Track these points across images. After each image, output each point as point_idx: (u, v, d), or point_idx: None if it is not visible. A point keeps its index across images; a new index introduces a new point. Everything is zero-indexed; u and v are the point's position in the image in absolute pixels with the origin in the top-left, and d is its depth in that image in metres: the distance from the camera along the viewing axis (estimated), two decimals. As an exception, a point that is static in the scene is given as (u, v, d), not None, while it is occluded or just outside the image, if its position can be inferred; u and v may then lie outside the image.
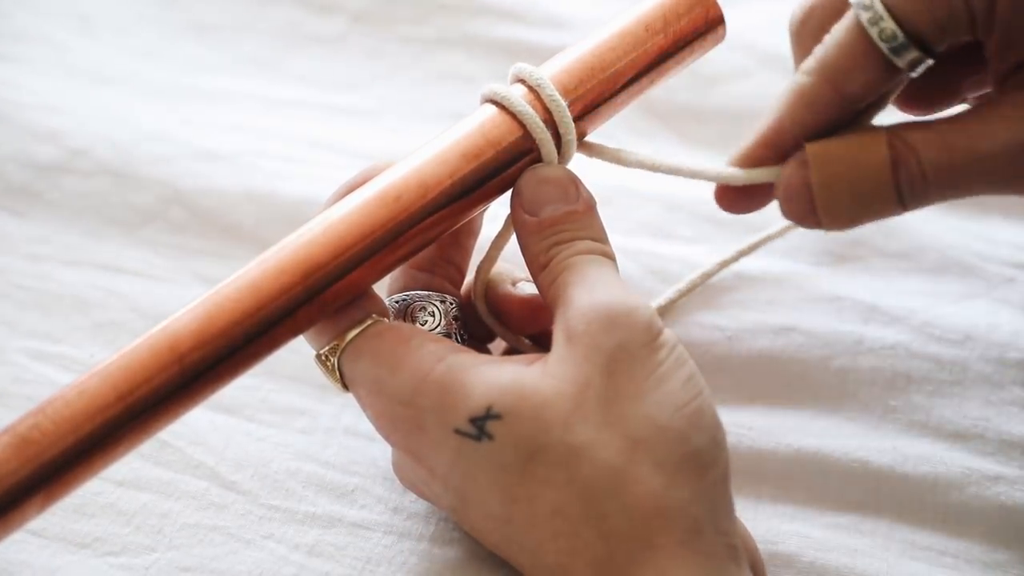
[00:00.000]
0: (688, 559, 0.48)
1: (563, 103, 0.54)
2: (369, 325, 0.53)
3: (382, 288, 0.56)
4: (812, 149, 0.56)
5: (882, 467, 0.61)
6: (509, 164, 0.54)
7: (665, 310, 0.65)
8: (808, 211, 0.56)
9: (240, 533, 0.58)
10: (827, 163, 0.55)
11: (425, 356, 0.51)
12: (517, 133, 0.54)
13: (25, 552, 0.57)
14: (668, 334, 0.51)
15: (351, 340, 0.53)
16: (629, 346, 0.50)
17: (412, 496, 0.59)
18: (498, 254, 0.57)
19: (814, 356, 0.64)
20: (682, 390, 0.50)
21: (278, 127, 0.74)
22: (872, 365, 0.64)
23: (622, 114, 0.72)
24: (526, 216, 0.54)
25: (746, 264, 0.67)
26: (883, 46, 0.54)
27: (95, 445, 0.48)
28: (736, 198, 0.59)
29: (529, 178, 0.54)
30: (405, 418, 0.51)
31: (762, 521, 0.59)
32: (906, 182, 0.55)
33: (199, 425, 0.61)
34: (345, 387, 0.54)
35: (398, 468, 0.56)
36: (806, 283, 0.67)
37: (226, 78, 0.77)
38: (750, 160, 0.58)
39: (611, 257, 0.54)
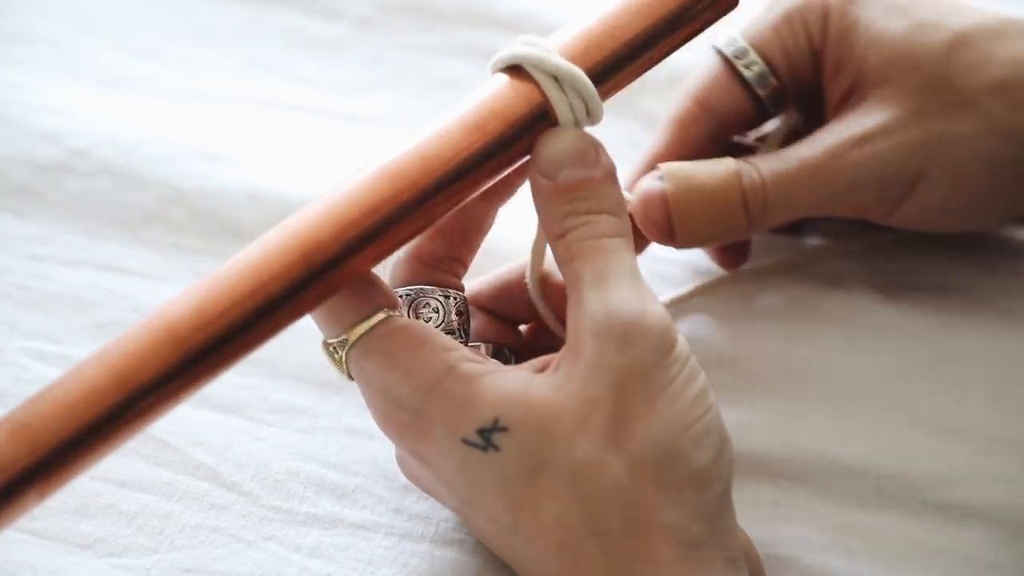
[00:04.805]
0: (688, 575, 0.48)
1: (572, 67, 0.53)
2: (380, 322, 0.52)
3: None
4: (666, 167, 0.60)
5: (883, 467, 0.61)
6: (520, 133, 0.53)
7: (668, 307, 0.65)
8: (664, 220, 0.60)
9: (241, 534, 0.58)
10: (681, 176, 0.60)
11: (435, 365, 0.51)
12: (527, 101, 0.53)
13: (26, 553, 0.57)
14: (681, 345, 0.50)
15: (361, 337, 0.52)
16: (641, 365, 0.49)
17: (413, 497, 0.59)
18: (542, 253, 0.56)
19: (815, 354, 0.64)
20: (691, 408, 0.49)
21: (279, 129, 0.74)
22: (873, 364, 0.64)
23: (622, 127, 0.72)
24: (542, 179, 0.53)
25: (748, 262, 0.67)
26: (738, 63, 0.62)
27: (93, 432, 0.47)
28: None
29: (546, 140, 0.53)
30: (411, 425, 0.51)
31: (762, 522, 0.59)
32: (749, 188, 0.60)
33: (199, 425, 0.61)
34: (351, 378, 0.53)
35: (403, 463, 0.56)
36: (808, 281, 0.67)
37: (227, 80, 0.77)
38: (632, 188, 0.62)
39: (627, 234, 0.53)
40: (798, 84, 0.63)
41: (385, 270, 0.55)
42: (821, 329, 0.65)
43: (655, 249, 0.66)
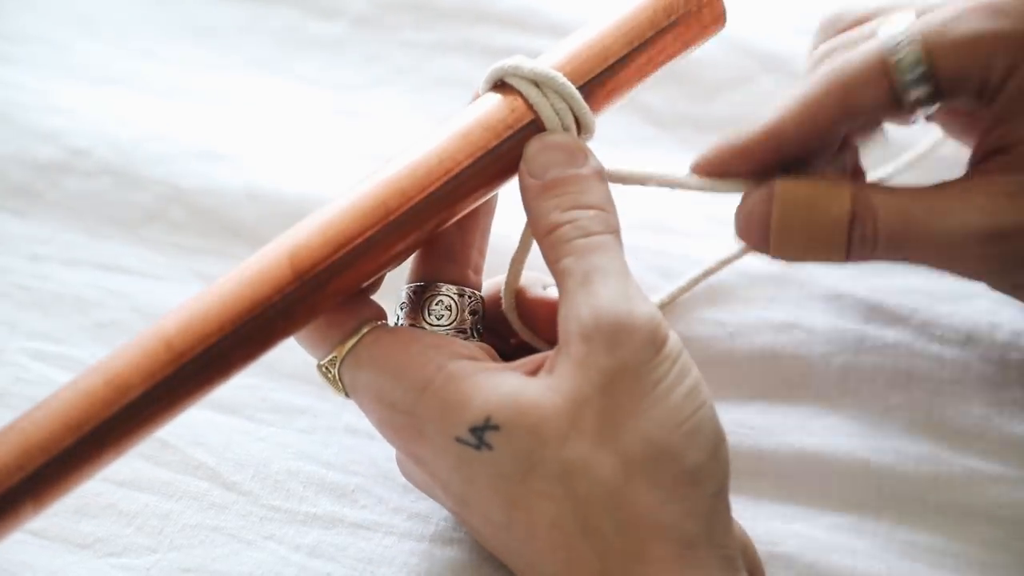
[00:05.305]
0: (682, 574, 0.48)
1: (549, 70, 0.53)
2: (365, 333, 0.53)
3: (395, 280, 0.56)
4: (781, 187, 0.58)
5: (883, 467, 0.61)
6: (507, 141, 0.53)
7: (666, 306, 0.65)
8: (761, 241, 0.59)
9: (241, 534, 0.58)
10: (791, 204, 0.58)
11: (425, 364, 0.51)
12: (511, 109, 0.53)
13: (26, 553, 0.57)
14: (672, 343, 0.50)
15: (349, 350, 0.52)
16: (630, 364, 0.49)
17: (413, 496, 0.59)
18: (521, 266, 0.57)
19: (815, 354, 0.64)
20: (682, 406, 0.49)
21: (278, 127, 0.74)
22: (873, 364, 0.64)
23: (624, 122, 0.72)
24: (530, 179, 0.53)
25: (748, 260, 0.67)
26: (898, 77, 0.56)
27: (89, 440, 0.47)
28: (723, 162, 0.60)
29: (534, 142, 0.53)
30: (406, 426, 0.51)
31: (762, 522, 0.59)
32: (858, 239, 0.57)
33: (199, 425, 0.61)
34: (348, 394, 0.54)
35: (402, 466, 0.56)
36: (808, 280, 0.67)
37: (226, 78, 0.77)
38: (739, 156, 0.59)
39: (615, 230, 0.53)
40: (949, 104, 0.58)
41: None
42: (822, 328, 0.65)
43: (654, 243, 0.67)
